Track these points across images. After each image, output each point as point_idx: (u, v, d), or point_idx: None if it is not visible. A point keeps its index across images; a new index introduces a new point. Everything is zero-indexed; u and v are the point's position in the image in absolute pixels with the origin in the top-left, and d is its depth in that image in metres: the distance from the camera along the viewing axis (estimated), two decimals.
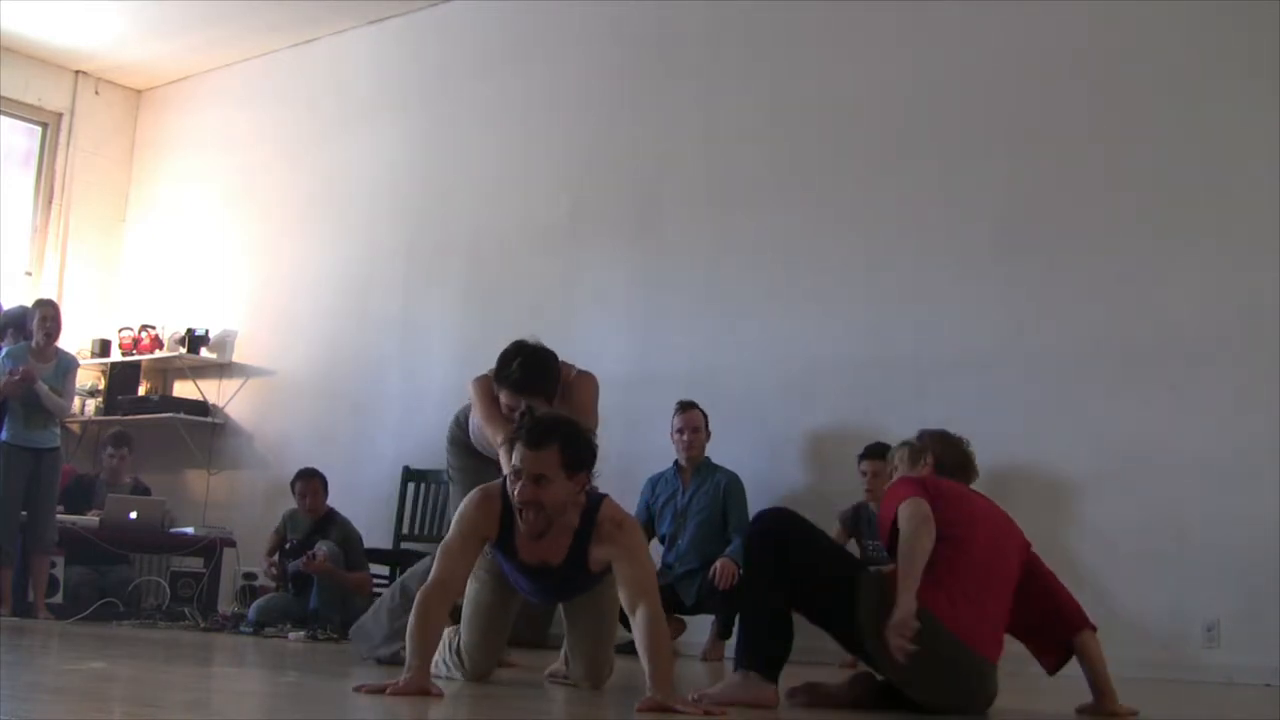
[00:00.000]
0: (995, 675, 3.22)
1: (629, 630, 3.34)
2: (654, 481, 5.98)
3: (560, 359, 4.06)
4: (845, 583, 3.20)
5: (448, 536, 3.35)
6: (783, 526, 3.30)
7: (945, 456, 3.62)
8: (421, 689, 3.00)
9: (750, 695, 3.13)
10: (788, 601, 3.21)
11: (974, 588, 3.18)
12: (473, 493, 3.43)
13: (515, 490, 3.24)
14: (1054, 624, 3.42)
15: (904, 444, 3.75)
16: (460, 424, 4.54)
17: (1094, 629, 3.41)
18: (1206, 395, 5.13)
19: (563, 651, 3.85)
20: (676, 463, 5.94)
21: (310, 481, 6.69)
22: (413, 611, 3.19)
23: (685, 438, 5.88)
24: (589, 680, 3.64)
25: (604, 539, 3.33)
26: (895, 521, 3.19)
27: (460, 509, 3.39)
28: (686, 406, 5.93)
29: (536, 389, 3.87)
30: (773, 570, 3.20)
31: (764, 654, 3.19)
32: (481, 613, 3.67)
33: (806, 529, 3.31)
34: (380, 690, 2.98)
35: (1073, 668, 3.48)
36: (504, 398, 3.95)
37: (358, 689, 3.04)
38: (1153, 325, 5.29)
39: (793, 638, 3.23)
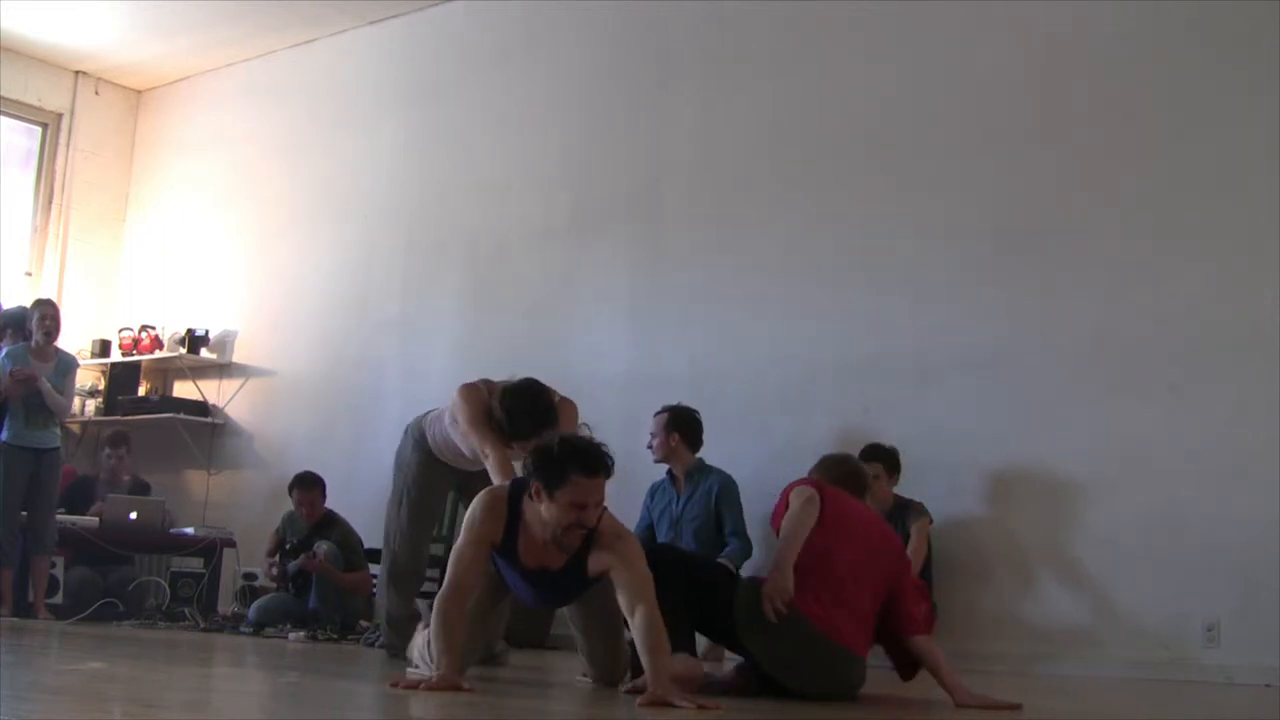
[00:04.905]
0: (861, 665, 3.61)
1: (629, 630, 3.38)
2: (653, 491, 5.89)
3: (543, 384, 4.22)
4: (728, 589, 3.67)
5: (459, 543, 3.46)
6: (678, 555, 4.02)
7: (827, 477, 3.92)
8: (454, 685, 3.17)
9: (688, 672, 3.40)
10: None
11: (839, 588, 3.56)
12: (481, 497, 3.53)
13: (574, 518, 3.30)
14: (895, 631, 3.69)
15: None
16: (419, 441, 4.58)
17: (926, 634, 3.65)
18: (1206, 395, 5.13)
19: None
20: (670, 470, 5.85)
21: (308, 492, 6.63)
22: (433, 620, 3.34)
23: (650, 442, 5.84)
24: (606, 679, 3.75)
25: (603, 548, 3.42)
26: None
27: (470, 513, 3.49)
28: (659, 411, 5.85)
29: (552, 419, 4.10)
30: (682, 587, 3.57)
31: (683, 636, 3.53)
32: None
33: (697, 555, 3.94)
34: (414, 686, 3.18)
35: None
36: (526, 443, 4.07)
37: (394, 684, 3.27)
38: (1152, 326, 5.28)
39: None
